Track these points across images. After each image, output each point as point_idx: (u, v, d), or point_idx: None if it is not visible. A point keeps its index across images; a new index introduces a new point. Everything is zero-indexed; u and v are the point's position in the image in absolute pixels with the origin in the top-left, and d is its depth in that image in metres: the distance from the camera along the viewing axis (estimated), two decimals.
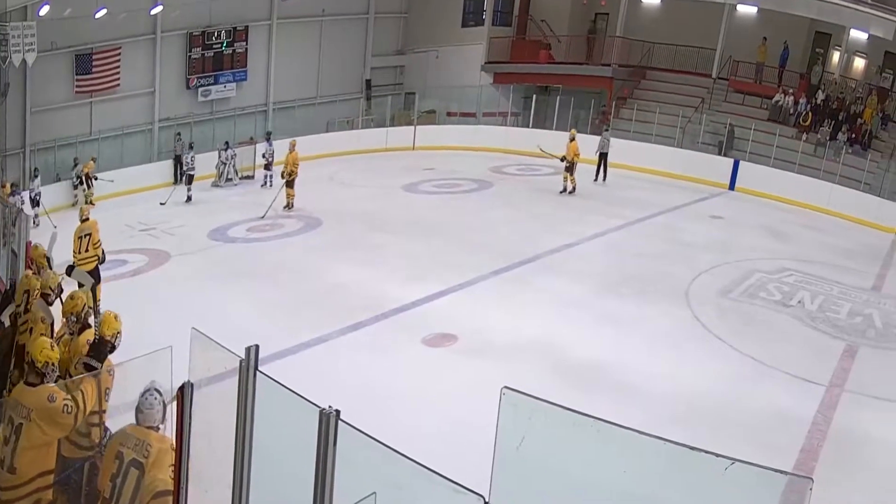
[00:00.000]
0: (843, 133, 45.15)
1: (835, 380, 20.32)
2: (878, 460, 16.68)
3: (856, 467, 16.27)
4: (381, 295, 22.57)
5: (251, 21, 48.22)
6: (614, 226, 32.53)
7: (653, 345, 21.23)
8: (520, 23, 56.23)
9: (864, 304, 26.69)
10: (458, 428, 13.43)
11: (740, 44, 49.68)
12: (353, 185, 36.93)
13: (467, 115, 51.62)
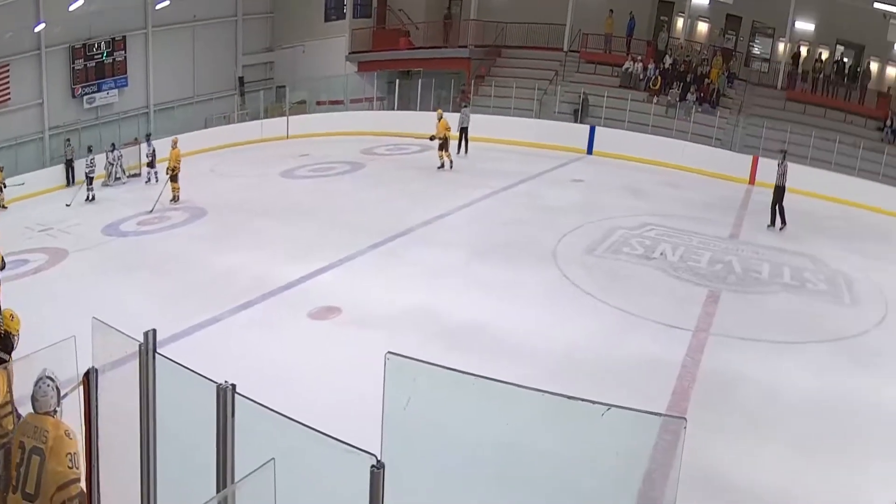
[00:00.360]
0: (692, 93, 46.30)
1: (700, 325, 20.60)
2: (746, 396, 16.97)
3: (726, 404, 16.51)
4: (266, 275, 22.43)
5: (128, 31, 48.15)
6: (481, 196, 32.54)
7: (525, 305, 21.23)
8: (379, 13, 56.58)
9: (723, 252, 27.20)
10: (348, 394, 13.37)
11: (588, 17, 50.50)
12: (232, 175, 36.67)
13: (336, 103, 51.78)
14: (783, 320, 21.67)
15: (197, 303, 20.14)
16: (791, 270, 26.04)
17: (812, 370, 18.53)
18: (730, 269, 25.46)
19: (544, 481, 6.40)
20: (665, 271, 24.69)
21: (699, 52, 50.42)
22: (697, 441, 13.15)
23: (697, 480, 12.60)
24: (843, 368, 18.86)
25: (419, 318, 19.64)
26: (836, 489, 13.72)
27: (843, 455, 14.94)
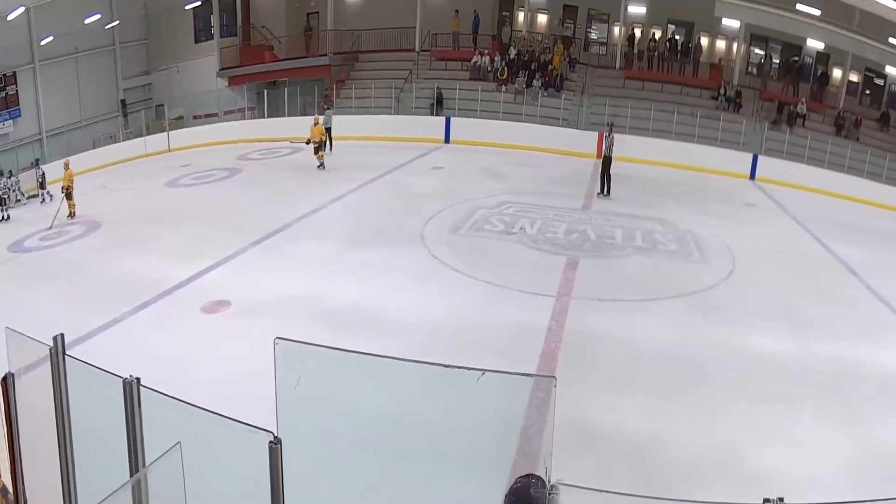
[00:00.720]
0: (537, 80, 47.05)
1: (562, 290, 20.90)
2: (609, 352, 17.33)
3: (591, 361, 16.81)
4: (159, 277, 22.09)
5: (17, 67, 47.40)
6: (351, 189, 32.39)
7: (399, 284, 21.30)
8: (244, 31, 56.53)
9: (577, 222, 27.66)
10: (243, 378, 13.35)
11: (436, 18, 51.29)
12: (122, 189, 36.26)
13: (211, 116, 51.61)
14: (638, 280, 22.15)
15: (99, 307, 19.77)
16: (642, 234, 26.60)
17: (668, 324, 19.00)
18: (585, 238, 25.80)
19: (430, 443, 6.52)
20: (525, 244, 24.92)
21: (541, 41, 51.08)
22: (568, 397, 13.23)
23: (572, 432, 12.89)
24: (697, 321, 19.38)
25: (303, 305, 19.60)
26: (698, 430, 14.11)
27: (702, 399, 15.38)
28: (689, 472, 12.66)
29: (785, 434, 14.10)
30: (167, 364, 14.68)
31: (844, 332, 19.27)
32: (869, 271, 24.78)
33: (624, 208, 30.27)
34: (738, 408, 14.96)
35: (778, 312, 20.15)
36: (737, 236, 26.91)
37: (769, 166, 40.10)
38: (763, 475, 12.49)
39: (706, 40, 48.64)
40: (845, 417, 14.98)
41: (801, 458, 13.18)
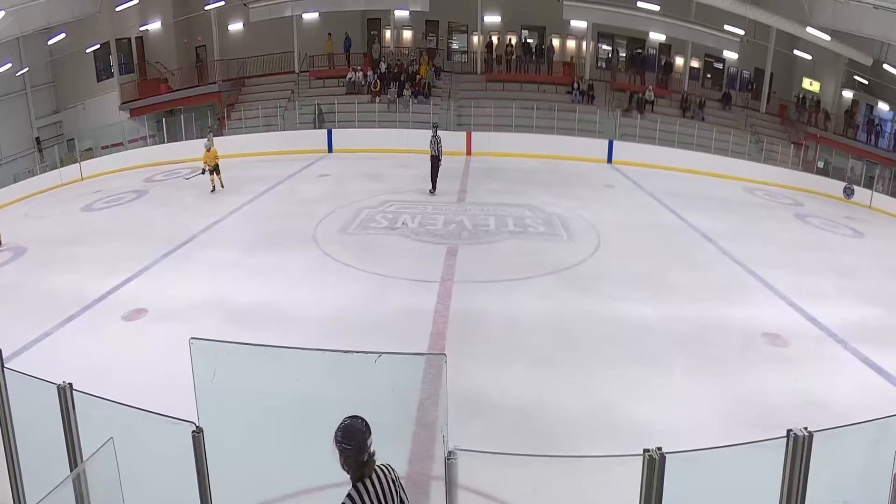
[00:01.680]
0: (407, 90, 47.51)
1: (444, 276, 21.19)
2: (492, 328, 17.63)
3: (476, 337, 17.07)
4: (82, 291, 21.72)
5: None
6: (248, 200, 32.14)
7: (297, 282, 21.36)
8: (140, 67, 56.06)
9: (454, 214, 28.05)
10: (164, 376, 12.90)
11: (312, 42, 51.61)
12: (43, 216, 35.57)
13: (117, 145, 50.98)
14: (513, 261, 22.45)
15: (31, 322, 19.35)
16: (514, 220, 26.96)
17: (542, 299, 19.37)
18: (462, 227, 26.10)
19: (337, 420, 6.23)
20: (408, 237, 25.10)
21: (408, 55, 51.69)
22: (458, 371, 13.42)
23: (464, 402, 13.00)
24: (568, 293, 19.81)
25: (213, 307, 19.49)
26: (577, 392, 14.41)
27: (579, 365, 15.70)
28: (572, 430, 12.87)
29: (658, 390, 14.49)
30: (95, 368, 14.49)
31: (704, 294, 19.84)
32: (722, 237, 25.41)
33: (495, 198, 30.61)
34: (612, 370, 15.33)
35: (642, 280, 20.67)
36: (599, 215, 27.34)
37: (624, 150, 40.75)
38: (640, 429, 12.73)
39: (557, 41, 49.45)
40: (712, 371, 15.45)
41: (674, 411, 13.55)
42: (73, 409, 6.92)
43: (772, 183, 39.51)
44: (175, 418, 6.07)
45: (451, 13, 49.65)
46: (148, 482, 7.14)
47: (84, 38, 50.93)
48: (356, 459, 6.06)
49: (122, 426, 6.59)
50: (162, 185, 39.52)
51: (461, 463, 5.74)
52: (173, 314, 19.23)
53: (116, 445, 6.43)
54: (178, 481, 6.73)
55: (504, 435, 12.35)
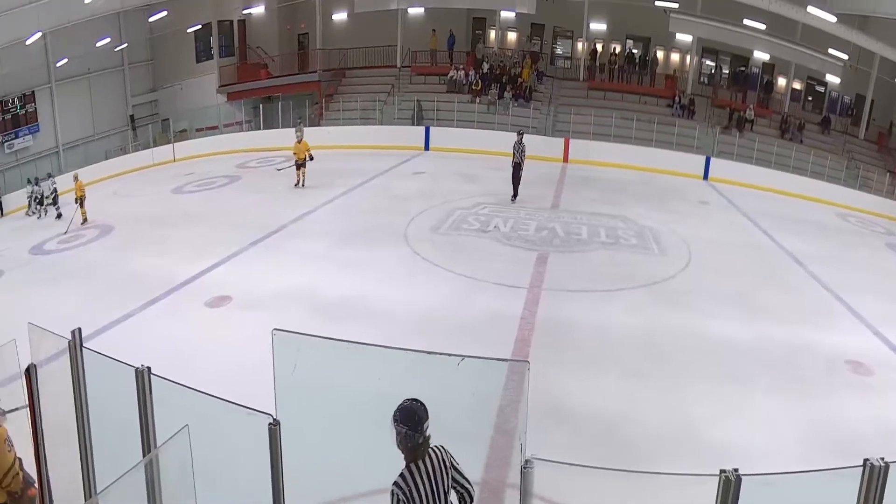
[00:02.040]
0: (508, 92, 47.18)
1: (533, 282, 20.88)
2: (580, 337, 17.36)
3: (563, 346, 16.79)
4: (168, 274, 22.00)
5: (36, 86, 47.63)
6: (341, 192, 32.32)
7: (386, 278, 21.29)
8: (241, 51, 56.67)
9: (547, 220, 27.66)
10: (244, 366, 12.97)
11: (415, 37, 51.44)
12: (132, 195, 36.03)
13: (212, 129, 51.59)
14: (604, 272, 22.12)
15: (114, 302, 19.63)
16: (606, 230, 26.58)
17: (632, 311, 19.01)
18: (554, 234, 25.77)
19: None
20: (499, 241, 24.89)
21: (511, 56, 51.29)
22: (542, 379, 13.45)
23: (545, 411, 12.88)
24: (658, 308, 19.42)
25: (299, 298, 19.52)
26: (661, 407, 14.15)
27: (665, 380, 15.41)
28: (653, 446, 12.66)
29: (740, 410, 14.15)
30: (175, 354, 14.48)
31: (793, 317, 19.36)
32: (813, 261, 24.87)
33: (589, 207, 30.20)
34: (697, 387, 15.04)
35: (731, 299, 20.23)
36: (692, 230, 26.96)
37: (721, 167, 40.17)
38: (720, 448, 12.50)
39: (662, 53, 48.85)
40: (795, 394, 15.04)
41: (754, 432, 13.24)
42: (149, 394, 6.95)
43: (866, 210, 38.71)
44: (252, 409, 6.04)
45: (557, 18, 49.37)
46: (220, 472, 7.17)
47: (186, 18, 51.67)
48: (411, 441, 6.36)
49: (198, 414, 6.53)
50: (255, 172, 39.88)
51: (537, 472, 5.68)
52: (258, 303, 19.35)
53: (191, 433, 6.37)
54: (251, 473, 6.73)
55: (584, 446, 12.16)
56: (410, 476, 6.40)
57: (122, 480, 5.93)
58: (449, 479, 6.58)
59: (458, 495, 6.71)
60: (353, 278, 21.26)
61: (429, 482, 6.45)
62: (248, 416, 6.03)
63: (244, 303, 19.61)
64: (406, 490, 6.38)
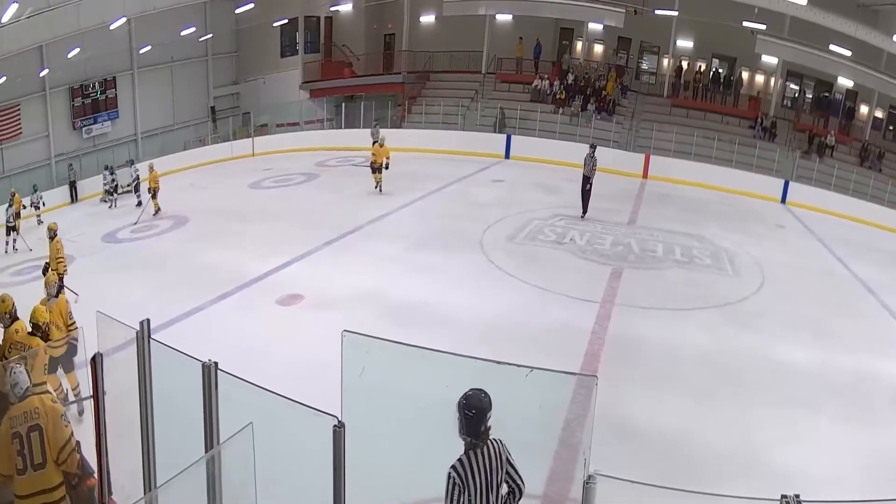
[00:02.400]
0: (592, 104, 46.92)
1: (606, 297, 20.80)
2: (648, 355, 17.26)
3: (631, 362, 16.70)
4: (240, 269, 22.37)
5: (118, 72, 48.63)
6: (418, 196, 32.52)
7: (458, 285, 21.34)
8: (326, 48, 57.06)
9: (623, 236, 27.48)
10: (312, 366, 13.00)
11: (502, 44, 51.31)
12: (209, 188, 36.51)
13: (293, 125, 52.04)
14: (676, 290, 21.98)
15: (184, 294, 19.98)
16: (681, 248, 26.34)
17: (703, 331, 18.85)
18: (629, 250, 25.62)
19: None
20: (574, 253, 24.83)
21: (596, 69, 51.07)
22: (609, 394, 13.27)
23: (611, 427, 12.86)
24: (729, 329, 19.19)
25: (370, 300, 19.60)
26: (726, 428, 14.04)
27: (732, 401, 15.28)
28: (716, 466, 12.58)
29: (804, 435, 13.99)
30: (243, 350, 14.63)
31: (862, 345, 19.05)
32: (886, 291, 24.49)
33: (665, 224, 30.01)
34: (763, 409, 14.90)
35: (802, 324, 19.96)
36: (767, 254, 26.69)
37: (799, 192, 39.79)
38: (782, 472, 12.40)
39: (746, 74, 48.29)
40: (860, 422, 14.84)
41: (817, 458, 13.08)
42: (215, 389, 7.02)
43: None
44: (318, 410, 6.05)
45: (644, 33, 49.02)
46: (282, 471, 7.16)
47: (272, 11, 52.17)
48: (474, 428, 6.49)
49: (262, 411, 6.58)
50: (333, 170, 40.33)
51: (600, 488, 5.70)
52: (329, 303, 19.52)
53: (255, 430, 6.44)
54: (312, 474, 6.74)
55: (648, 463, 12.04)
56: (469, 462, 6.54)
57: (182, 475, 6.01)
58: (503, 472, 6.71)
59: (509, 489, 6.82)
60: (426, 283, 21.38)
61: (485, 471, 6.58)
62: (314, 417, 6.06)
63: (315, 302, 19.82)
64: (462, 475, 6.52)
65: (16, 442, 7.79)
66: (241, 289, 20.98)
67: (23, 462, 7.80)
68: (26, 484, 7.84)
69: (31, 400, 7.94)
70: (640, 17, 45.57)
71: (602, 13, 46.65)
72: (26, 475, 7.82)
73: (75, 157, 45.77)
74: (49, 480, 7.90)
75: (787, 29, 41.85)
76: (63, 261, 20.95)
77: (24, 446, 7.78)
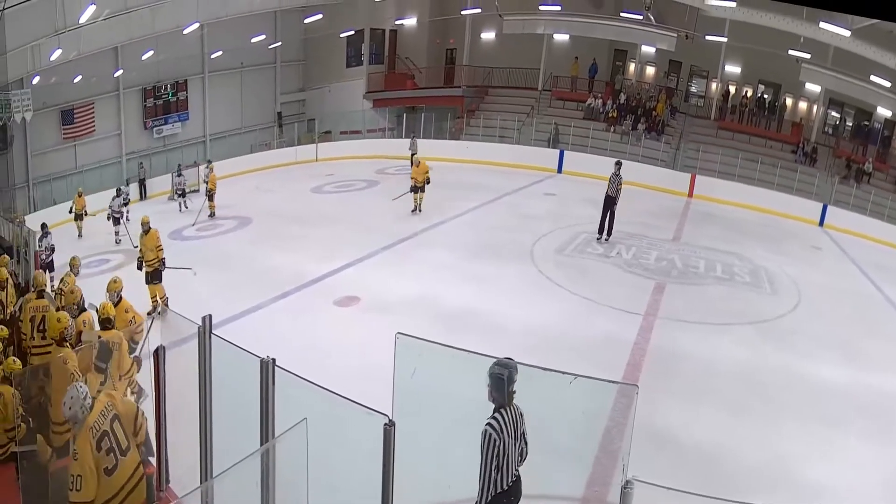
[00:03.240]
0: (642, 124, 46.78)
1: (649, 310, 20.82)
2: (687, 368, 17.26)
3: (671, 374, 16.74)
4: (300, 271, 22.61)
5: (189, 75, 49.09)
6: (472, 206, 32.61)
7: (508, 294, 21.40)
8: (390, 60, 57.35)
9: (667, 251, 27.38)
10: (365, 366, 13.05)
11: (558, 63, 51.35)
12: (273, 191, 36.76)
13: (355, 133, 52.23)
14: (716, 306, 21.90)
15: (246, 292, 20.27)
16: (722, 266, 26.19)
17: (740, 347, 18.79)
18: (673, 265, 25.61)
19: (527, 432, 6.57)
20: (620, 267, 24.85)
21: (647, 90, 50.87)
22: (648, 404, 13.58)
23: (649, 435, 12.88)
24: (764, 345, 19.14)
25: (423, 305, 19.78)
26: (758, 442, 13.99)
27: (765, 415, 15.23)
28: (749, 478, 12.59)
29: (833, 451, 13.94)
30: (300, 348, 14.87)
31: (890, 365, 18.96)
32: None
33: (708, 242, 29.91)
34: (795, 425, 14.88)
35: (834, 343, 19.79)
36: (804, 274, 26.53)
37: (836, 215, 39.52)
38: (811, 487, 12.43)
39: (790, 100, 48.06)
40: (886, 441, 14.75)
41: (844, 474, 13.03)
42: (272, 385, 7.09)
43: None
44: (370, 409, 6.09)
45: (694, 57, 48.74)
46: (333, 467, 7.28)
47: (340, 23, 52.57)
48: (505, 389, 7.01)
49: (316, 408, 6.63)
50: (393, 178, 40.23)
51: (637, 493, 5.70)
52: (384, 307, 19.68)
53: (309, 426, 6.49)
54: (362, 470, 6.80)
55: (683, 473, 11.95)
56: (501, 419, 7.03)
57: (237, 467, 6.13)
58: (521, 430, 7.22)
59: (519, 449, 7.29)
60: (477, 291, 21.49)
61: (512, 427, 7.08)
62: (366, 415, 6.11)
63: (371, 305, 20.02)
64: (497, 429, 7.00)
65: (105, 440, 7.56)
66: (300, 289, 21.26)
67: (114, 458, 7.59)
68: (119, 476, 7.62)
69: (101, 398, 7.82)
70: (691, 42, 45.42)
71: (655, 37, 46.64)
72: (119, 468, 7.60)
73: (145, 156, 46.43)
74: (135, 459, 7.83)
75: (831, 59, 41.64)
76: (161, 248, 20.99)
77: (112, 441, 7.61)
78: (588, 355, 16.73)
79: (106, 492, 7.57)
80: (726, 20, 43.36)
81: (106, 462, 7.56)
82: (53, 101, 42.55)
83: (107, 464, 7.57)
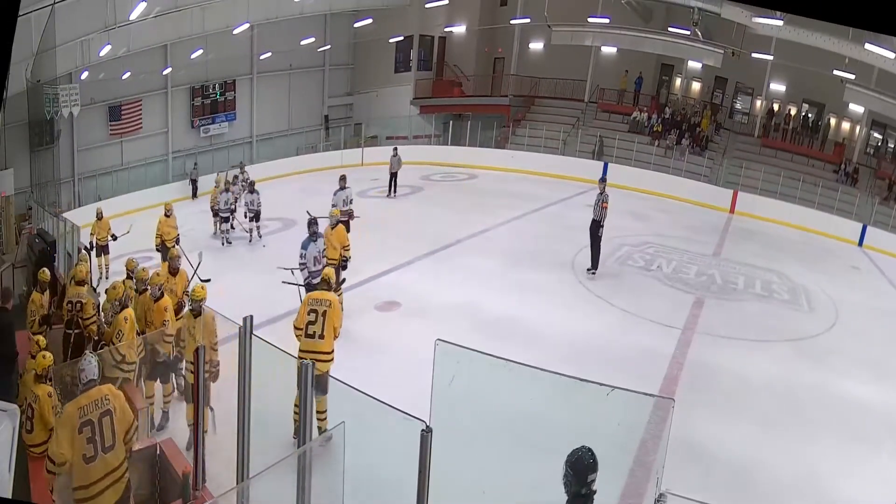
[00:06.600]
0: (686, 139, 46.50)
1: (688, 324, 20.72)
2: (724, 383, 17.16)
3: (707, 389, 16.64)
4: None
5: (238, 76, 49.26)
6: (516, 215, 32.56)
7: (548, 303, 21.35)
8: (438, 67, 56.97)
9: (707, 266, 27.19)
10: (405, 371, 12.99)
11: (605, 75, 51.25)
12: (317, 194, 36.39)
13: (401, 138, 52.02)
14: (754, 323, 21.79)
15: (286, 295, 19.88)
16: (761, 283, 26.04)
17: (776, 364, 18.66)
18: (712, 281, 25.50)
19: (560, 444, 6.40)
20: (660, 280, 24.79)
21: (693, 105, 50.67)
22: (683, 417, 13.42)
23: (683, 448, 12.78)
24: (802, 363, 18.98)
25: (464, 312, 19.78)
26: (791, 458, 13.94)
27: (798, 432, 15.17)
28: (780, 494, 12.57)
29: (864, 469, 13.89)
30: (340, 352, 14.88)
31: None
32: None
33: (747, 258, 29.66)
34: (827, 442, 14.78)
35: (868, 363, 19.58)
36: (841, 293, 26.32)
37: (876, 236, 39.21)
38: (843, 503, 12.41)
39: (834, 120, 47.87)
40: None
41: (875, 492, 12.90)
42: (311, 387, 7.11)
43: None
44: (408, 414, 6.11)
45: (740, 74, 48.39)
46: (370, 470, 7.41)
47: (389, 28, 52.56)
48: (575, 490, 6.22)
49: (354, 411, 6.74)
50: (438, 185, 40.59)
51: None
52: (424, 312, 19.75)
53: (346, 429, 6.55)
54: (398, 475, 6.85)
55: (715, 486, 12.05)
56: None
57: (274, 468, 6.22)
58: None
59: None
60: (517, 299, 21.44)
61: None
62: (403, 420, 6.13)
63: (412, 310, 20.08)
64: None
65: (86, 429, 7.86)
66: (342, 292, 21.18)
67: (93, 449, 7.89)
68: (97, 469, 7.93)
69: (101, 388, 8.09)
70: (737, 59, 45.17)
71: (702, 52, 46.14)
72: (97, 460, 7.91)
73: (192, 155, 46.88)
74: (118, 458, 8.05)
75: (875, 80, 41.47)
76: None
77: (95, 432, 7.88)
78: (624, 367, 16.62)
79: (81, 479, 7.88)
80: (773, 38, 43.05)
81: (85, 449, 7.82)
82: (101, 97, 42.86)
83: (85, 451, 7.83)
